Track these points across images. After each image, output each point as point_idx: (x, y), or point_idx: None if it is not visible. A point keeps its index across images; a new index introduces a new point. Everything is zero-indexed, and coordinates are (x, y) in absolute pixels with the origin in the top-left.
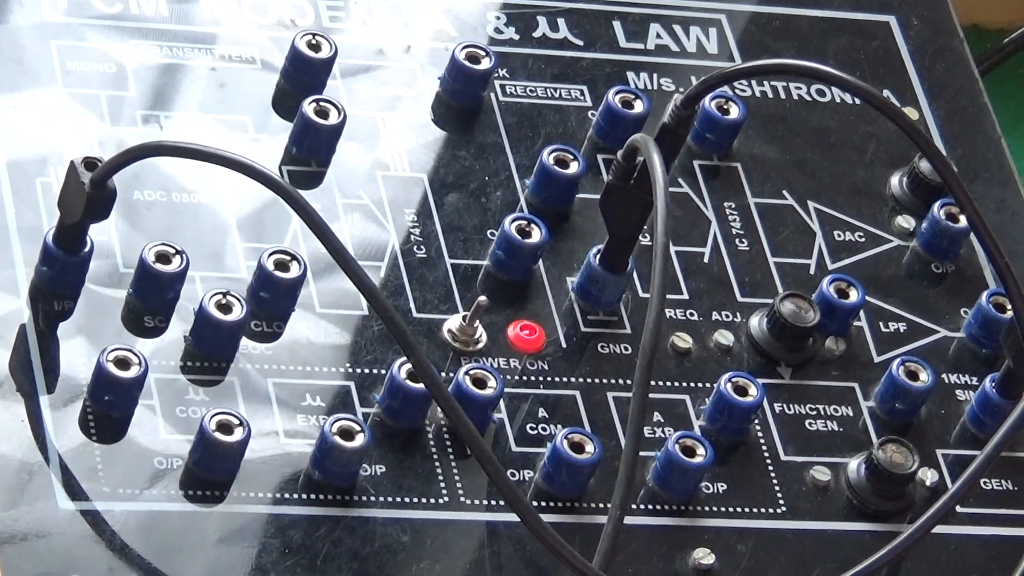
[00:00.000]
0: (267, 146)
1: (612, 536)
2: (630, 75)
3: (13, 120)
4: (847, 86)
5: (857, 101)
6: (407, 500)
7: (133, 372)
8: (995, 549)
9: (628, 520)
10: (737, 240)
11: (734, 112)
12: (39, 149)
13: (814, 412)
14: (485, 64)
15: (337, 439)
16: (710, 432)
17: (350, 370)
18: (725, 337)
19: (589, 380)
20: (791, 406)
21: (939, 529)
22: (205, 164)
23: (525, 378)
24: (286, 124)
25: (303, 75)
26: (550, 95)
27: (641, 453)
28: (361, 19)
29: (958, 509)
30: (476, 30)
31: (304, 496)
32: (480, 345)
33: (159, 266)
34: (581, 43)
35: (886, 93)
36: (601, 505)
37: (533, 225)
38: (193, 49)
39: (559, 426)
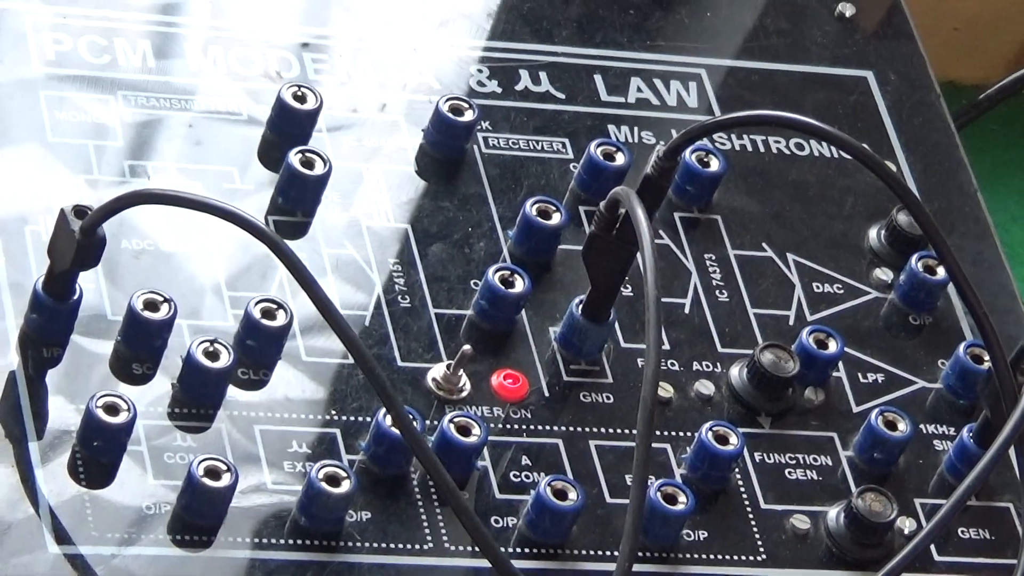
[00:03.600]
0: (253, 196)
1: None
2: (611, 128)
3: (1, 171)
4: (828, 137)
5: (836, 154)
6: (392, 546)
7: (122, 418)
8: None
9: (607, 567)
10: (717, 291)
11: (714, 165)
12: (27, 200)
13: (794, 461)
14: (468, 116)
15: (323, 485)
16: (691, 480)
17: (336, 417)
18: (706, 387)
19: (571, 428)
20: (771, 455)
21: None
22: (192, 213)
23: (509, 426)
24: (272, 175)
25: (289, 126)
26: (532, 147)
27: (621, 500)
28: (345, 72)
29: (936, 558)
30: (459, 83)
31: (290, 542)
32: (464, 394)
33: (147, 314)
34: (563, 96)
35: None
36: (584, 552)
37: (516, 275)
38: (180, 100)
39: (542, 474)
